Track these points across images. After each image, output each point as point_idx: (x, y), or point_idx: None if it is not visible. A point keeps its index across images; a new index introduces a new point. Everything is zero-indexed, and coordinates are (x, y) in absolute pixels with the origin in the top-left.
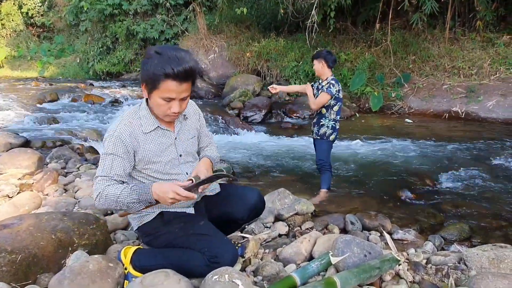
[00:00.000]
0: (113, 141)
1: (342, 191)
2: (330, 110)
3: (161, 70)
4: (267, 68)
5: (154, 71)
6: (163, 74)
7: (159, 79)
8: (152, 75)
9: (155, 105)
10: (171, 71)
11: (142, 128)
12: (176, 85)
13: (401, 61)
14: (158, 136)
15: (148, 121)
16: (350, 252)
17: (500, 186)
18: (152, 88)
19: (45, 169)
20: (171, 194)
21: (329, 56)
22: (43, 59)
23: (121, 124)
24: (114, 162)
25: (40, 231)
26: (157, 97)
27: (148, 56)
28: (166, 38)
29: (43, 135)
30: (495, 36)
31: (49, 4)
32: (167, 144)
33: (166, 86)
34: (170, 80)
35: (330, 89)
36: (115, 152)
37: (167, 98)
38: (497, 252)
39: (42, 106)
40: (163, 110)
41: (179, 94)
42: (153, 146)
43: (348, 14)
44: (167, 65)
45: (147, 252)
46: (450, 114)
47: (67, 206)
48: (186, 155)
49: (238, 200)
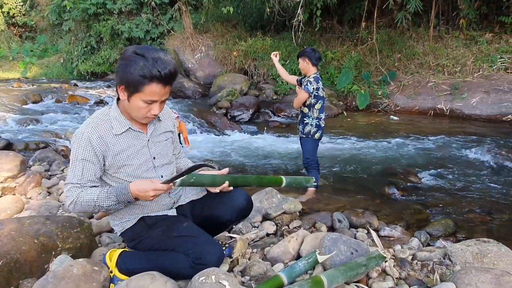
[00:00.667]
0: (83, 145)
1: (329, 189)
2: (312, 108)
3: (148, 73)
4: (254, 67)
5: (139, 74)
6: (150, 77)
7: (144, 83)
8: (138, 78)
9: (135, 107)
10: (159, 74)
11: (113, 130)
12: (161, 88)
13: (387, 59)
14: (129, 138)
15: (119, 122)
16: (337, 250)
17: (484, 182)
18: (134, 91)
19: (28, 172)
20: (151, 192)
21: (313, 53)
22: (25, 60)
23: (89, 127)
24: (85, 168)
25: (22, 236)
26: (139, 100)
27: (129, 58)
28: (152, 37)
29: (26, 137)
30: (478, 34)
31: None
32: (139, 146)
33: (151, 89)
34: (155, 83)
35: (307, 87)
36: (85, 157)
37: (150, 100)
38: (481, 247)
39: (25, 108)
40: (143, 112)
41: (162, 97)
42: (124, 148)
43: (334, 13)
44: (154, 68)
45: (132, 254)
46: (435, 111)
47: (51, 209)
48: (160, 158)
49: (225, 202)
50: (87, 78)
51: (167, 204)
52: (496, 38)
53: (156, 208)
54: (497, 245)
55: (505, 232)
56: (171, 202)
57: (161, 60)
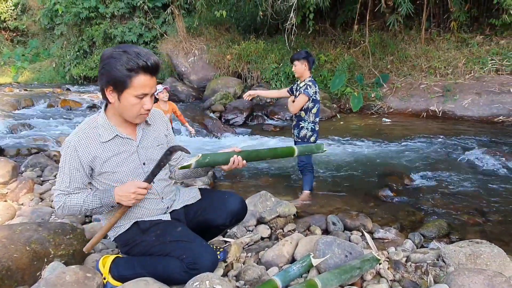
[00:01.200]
0: (69, 153)
1: (324, 192)
2: (309, 112)
3: (135, 65)
4: (248, 70)
5: (127, 68)
6: (137, 69)
7: (131, 76)
8: (125, 73)
9: (127, 106)
10: (145, 64)
11: (100, 137)
12: (149, 79)
13: (380, 61)
14: (117, 145)
15: (106, 130)
16: (331, 253)
17: (476, 183)
18: (123, 87)
19: (20, 178)
20: (132, 189)
21: (310, 57)
22: (17, 64)
23: (76, 136)
24: (72, 177)
25: (14, 243)
26: (131, 96)
27: (112, 56)
28: (145, 41)
29: (18, 143)
30: (468, 37)
31: (22, 8)
32: (128, 153)
33: (139, 82)
34: (142, 75)
35: (307, 90)
36: (72, 166)
37: (141, 94)
38: (474, 248)
39: (17, 113)
40: (137, 109)
41: (151, 89)
42: (111, 155)
43: (326, 16)
44: (139, 60)
45: (125, 260)
46: (427, 113)
47: (43, 215)
48: (150, 163)
49: (219, 206)
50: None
51: (160, 209)
52: (487, 40)
53: (150, 213)
54: (489, 246)
55: (497, 233)
56: (164, 207)
57: (143, 52)
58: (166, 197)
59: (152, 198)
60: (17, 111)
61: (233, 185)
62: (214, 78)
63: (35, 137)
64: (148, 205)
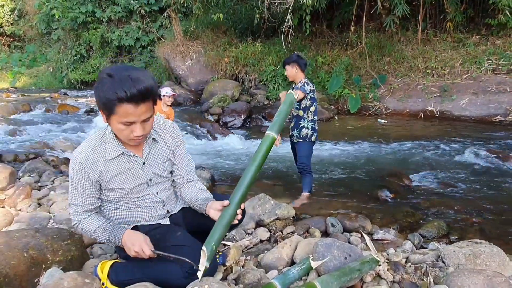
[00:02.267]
0: (77, 169)
1: (323, 193)
2: (307, 111)
3: (113, 94)
4: (245, 73)
5: (106, 96)
6: (117, 99)
7: (113, 104)
8: (106, 100)
9: (116, 130)
10: (124, 95)
11: (106, 154)
12: (133, 107)
13: (377, 62)
14: (123, 162)
15: (113, 146)
16: (330, 256)
17: (474, 182)
18: (109, 113)
19: (17, 183)
20: (137, 247)
21: (300, 60)
22: (14, 69)
23: (83, 153)
24: (84, 191)
25: (11, 250)
26: (116, 123)
27: (100, 80)
28: (142, 45)
29: (15, 148)
30: (465, 37)
31: (19, 13)
32: (134, 170)
33: (122, 110)
34: (125, 104)
35: (304, 87)
36: (81, 182)
37: (126, 122)
38: (473, 248)
39: (14, 118)
40: (126, 134)
41: (139, 117)
42: (117, 173)
43: (323, 18)
44: (119, 88)
45: (124, 265)
46: (425, 113)
47: (41, 221)
48: (156, 178)
49: None
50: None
51: (161, 215)
52: (483, 40)
53: (151, 218)
54: (489, 246)
55: (496, 232)
56: (164, 213)
57: (129, 79)
58: (168, 204)
59: (155, 206)
60: (14, 116)
61: (231, 188)
62: (212, 81)
63: (33, 143)
64: (150, 212)
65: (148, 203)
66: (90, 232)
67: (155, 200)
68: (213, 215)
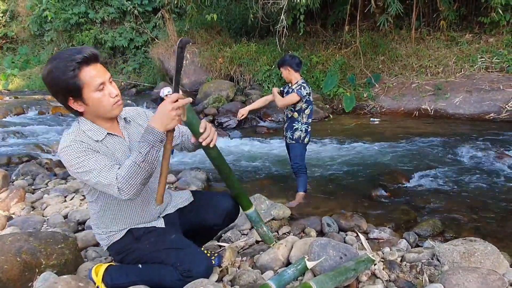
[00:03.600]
0: (75, 148)
1: (318, 193)
2: (302, 113)
3: (71, 64)
4: (240, 73)
5: (65, 75)
6: (77, 64)
7: (76, 77)
8: (69, 79)
9: (97, 102)
10: (80, 57)
11: (92, 137)
12: (93, 69)
13: (371, 61)
14: (112, 144)
15: (95, 131)
16: (325, 256)
17: (469, 180)
18: (79, 89)
19: (11, 186)
20: (169, 107)
21: (292, 60)
22: (6, 72)
23: (71, 137)
24: (99, 158)
25: (4, 254)
26: (92, 93)
27: (50, 73)
28: (136, 46)
29: (9, 151)
30: (458, 35)
31: (11, 14)
32: (123, 150)
33: (88, 76)
34: (85, 68)
35: (300, 90)
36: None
37: (99, 85)
38: (468, 246)
39: (7, 120)
40: (107, 101)
41: (104, 76)
42: (109, 154)
43: (317, 17)
44: (73, 57)
45: (119, 269)
46: (420, 111)
47: (35, 225)
48: None
49: (211, 207)
50: None
51: (154, 212)
52: (476, 38)
53: (144, 218)
54: (483, 243)
55: (491, 230)
56: (158, 211)
57: (73, 51)
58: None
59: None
60: (7, 118)
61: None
62: (206, 81)
63: (26, 145)
64: (142, 205)
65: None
66: (132, 165)
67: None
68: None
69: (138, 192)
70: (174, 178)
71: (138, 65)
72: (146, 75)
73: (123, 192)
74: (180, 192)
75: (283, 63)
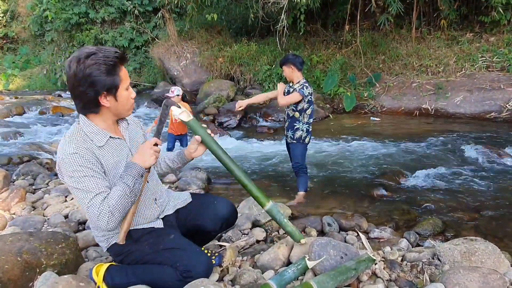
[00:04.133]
0: (75, 160)
1: (319, 192)
2: (303, 113)
3: (114, 60)
4: (240, 72)
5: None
6: (118, 61)
7: (116, 73)
8: (110, 73)
9: (124, 101)
10: (118, 55)
11: (95, 142)
12: (124, 69)
13: (371, 61)
14: (114, 147)
15: (98, 135)
16: (326, 255)
17: (469, 179)
18: (117, 86)
19: (11, 186)
20: (148, 148)
21: (296, 59)
22: (7, 72)
23: (73, 143)
24: (96, 179)
25: (5, 254)
26: (124, 91)
27: (87, 68)
28: (136, 45)
29: (9, 151)
30: (459, 34)
31: (11, 15)
32: (124, 155)
33: (123, 73)
34: (122, 66)
35: (303, 90)
36: (88, 172)
37: (127, 84)
38: (468, 245)
39: (8, 121)
40: (130, 101)
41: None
42: (111, 157)
43: (318, 17)
44: (110, 55)
45: (120, 269)
46: (420, 111)
47: (36, 224)
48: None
49: (208, 212)
50: None
51: (154, 214)
52: (477, 38)
53: (145, 218)
54: (484, 243)
55: (492, 228)
56: (157, 212)
57: (105, 49)
58: (159, 198)
59: (147, 198)
60: (8, 119)
61: (228, 188)
62: (207, 81)
63: (27, 145)
64: (143, 206)
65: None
66: (118, 196)
67: (146, 192)
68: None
69: (119, 224)
70: (174, 177)
71: (139, 65)
72: (146, 75)
73: (108, 224)
74: (178, 193)
75: (286, 61)
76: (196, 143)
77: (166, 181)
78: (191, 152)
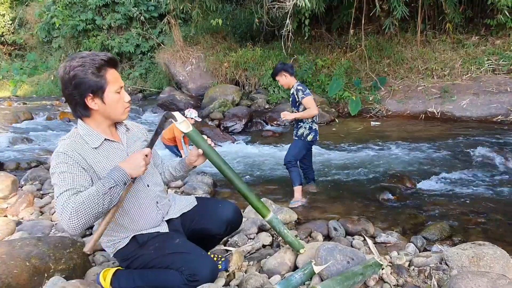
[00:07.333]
0: (61, 158)
1: (324, 197)
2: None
3: (99, 62)
4: (245, 77)
5: (95, 70)
6: (104, 65)
7: (103, 75)
8: (96, 74)
9: (113, 104)
10: (106, 58)
11: (89, 144)
12: (115, 72)
13: (376, 65)
14: (109, 150)
15: (93, 136)
16: (333, 260)
17: (477, 183)
18: (103, 88)
19: (20, 192)
20: (139, 158)
21: (285, 66)
22: (15, 78)
23: (65, 144)
24: (74, 173)
25: (13, 259)
26: (112, 93)
27: (74, 69)
28: (142, 51)
29: (18, 156)
30: (464, 37)
31: (20, 22)
32: (121, 157)
33: (112, 76)
34: (110, 69)
35: (306, 91)
36: (69, 163)
37: (119, 87)
38: (476, 250)
39: (16, 126)
40: (122, 105)
41: (122, 81)
42: (106, 160)
43: (322, 21)
44: (97, 58)
45: (126, 273)
46: (426, 114)
47: (44, 229)
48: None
49: (213, 215)
50: None
51: (156, 218)
52: (483, 41)
53: (147, 224)
54: (492, 247)
55: (500, 233)
56: (160, 216)
57: (95, 54)
58: (160, 202)
59: (149, 203)
60: (16, 124)
61: (233, 193)
62: (212, 86)
63: (35, 151)
64: (145, 211)
65: (142, 199)
66: (91, 195)
67: (148, 196)
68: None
69: (85, 226)
70: (180, 182)
71: (145, 71)
72: (152, 80)
73: (70, 222)
74: (184, 197)
75: (277, 71)
76: (197, 153)
77: (173, 186)
78: (192, 162)
